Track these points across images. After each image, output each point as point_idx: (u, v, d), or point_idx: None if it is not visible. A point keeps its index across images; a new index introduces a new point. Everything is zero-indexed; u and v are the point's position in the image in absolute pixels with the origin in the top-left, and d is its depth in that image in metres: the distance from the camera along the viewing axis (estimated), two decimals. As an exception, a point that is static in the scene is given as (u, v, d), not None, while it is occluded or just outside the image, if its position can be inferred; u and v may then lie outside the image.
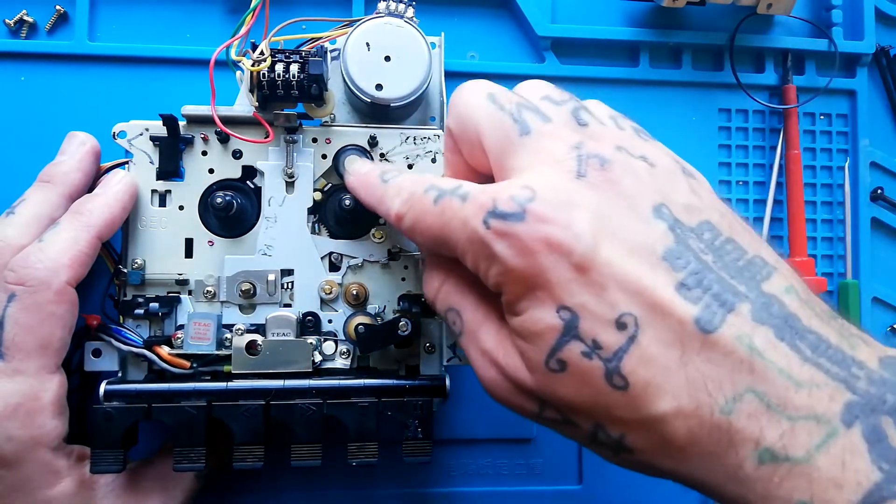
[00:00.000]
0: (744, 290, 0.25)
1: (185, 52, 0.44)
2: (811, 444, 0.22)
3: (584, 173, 0.26)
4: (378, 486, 0.43)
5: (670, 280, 0.25)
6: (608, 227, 0.25)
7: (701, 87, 0.49)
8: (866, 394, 0.23)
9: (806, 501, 0.22)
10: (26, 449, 0.32)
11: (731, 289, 0.25)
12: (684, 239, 0.26)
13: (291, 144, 0.37)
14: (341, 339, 0.37)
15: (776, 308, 0.25)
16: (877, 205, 0.50)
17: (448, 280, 0.31)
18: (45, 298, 0.32)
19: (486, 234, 0.26)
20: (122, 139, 0.36)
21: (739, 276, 0.25)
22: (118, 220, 0.35)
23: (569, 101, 0.29)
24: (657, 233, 0.25)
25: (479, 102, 0.29)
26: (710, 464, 0.24)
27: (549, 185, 0.26)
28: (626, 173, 0.27)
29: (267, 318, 0.36)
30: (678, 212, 0.26)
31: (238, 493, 0.42)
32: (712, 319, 0.24)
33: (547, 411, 0.27)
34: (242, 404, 0.34)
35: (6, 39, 0.43)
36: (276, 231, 0.37)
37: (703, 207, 0.27)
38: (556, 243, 0.25)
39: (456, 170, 0.32)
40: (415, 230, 0.30)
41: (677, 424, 0.24)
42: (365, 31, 0.37)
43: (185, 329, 0.35)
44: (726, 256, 0.26)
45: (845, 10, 0.50)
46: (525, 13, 0.46)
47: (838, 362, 0.24)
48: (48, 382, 0.33)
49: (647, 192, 0.26)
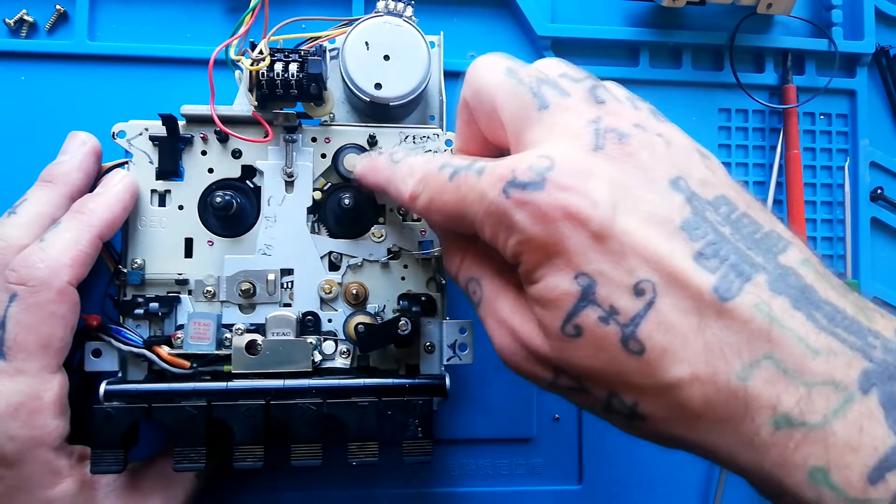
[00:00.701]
0: (761, 262, 0.25)
1: (185, 52, 0.44)
2: (828, 409, 0.22)
3: (602, 146, 0.27)
4: (378, 486, 0.43)
5: (688, 249, 0.25)
6: (626, 197, 0.25)
7: (701, 86, 0.49)
8: (883, 362, 0.23)
9: (821, 466, 0.22)
10: (28, 448, 0.32)
11: (748, 260, 0.25)
12: (701, 211, 0.26)
13: (291, 144, 0.37)
14: (341, 338, 0.37)
15: (793, 279, 0.25)
16: (877, 205, 0.50)
17: (467, 255, 0.32)
18: (47, 298, 0.32)
19: (505, 204, 0.26)
20: (122, 139, 0.36)
21: (756, 248, 0.25)
22: (119, 220, 0.35)
23: (587, 79, 0.30)
24: (675, 204, 0.26)
25: (498, 76, 0.30)
26: (724, 431, 0.24)
27: (567, 155, 0.26)
28: (643, 147, 0.27)
29: (267, 318, 0.36)
30: (695, 185, 0.26)
31: (238, 493, 0.42)
32: (730, 288, 0.24)
33: (562, 379, 0.28)
34: (242, 404, 0.34)
35: (6, 39, 0.43)
36: (275, 231, 0.37)
37: (718, 183, 0.27)
38: (575, 211, 0.25)
39: (468, 142, 0.33)
40: (431, 209, 0.30)
41: (693, 390, 0.24)
42: (364, 30, 0.37)
43: (185, 329, 0.35)
44: (743, 229, 0.26)
45: (845, 10, 0.50)
46: (525, 13, 0.46)
47: (855, 332, 0.24)
48: (50, 382, 0.33)
49: (664, 166, 0.27)
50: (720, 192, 0.27)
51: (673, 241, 0.25)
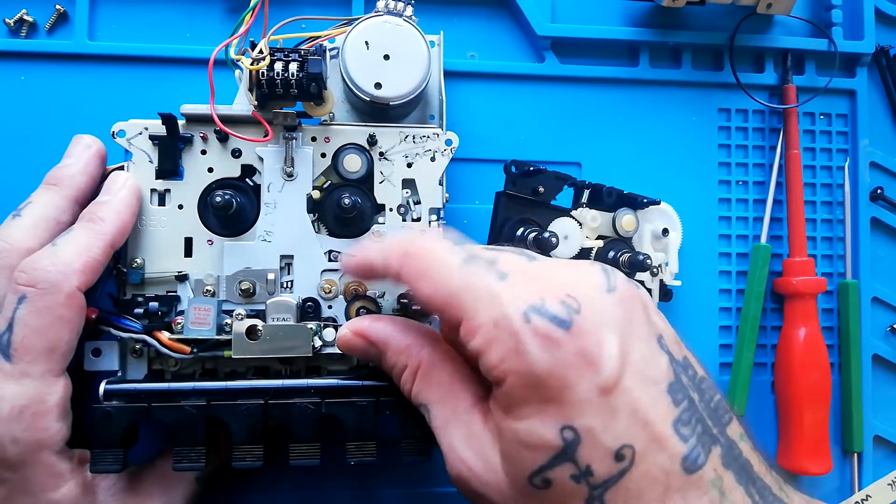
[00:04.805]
0: (716, 433, 0.26)
1: (185, 52, 0.44)
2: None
3: (614, 287, 0.26)
4: (377, 486, 0.43)
5: (671, 414, 0.25)
6: (631, 352, 0.25)
7: (701, 86, 0.49)
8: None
9: None
10: (31, 451, 0.32)
11: (709, 430, 0.26)
12: (679, 374, 0.26)
13: (290, 143, 0.37)
14: (341, 324, 0.37)
15: (736, 453, 0.26)
16: (877, 205, 0.50)
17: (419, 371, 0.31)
18: (56, 301, 0.32)
19: (522, 328, 0.25)
20: (122, 138, 0.36)
21: (714, 416, 0.26)
22: (129, 226, 0.35)
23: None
24: (662, 364, 0.26)
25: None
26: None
27: (592, 301, 0.26)
28: (641, 294, 0.27)
29: (267, 304, 0.36)
30: (670, 344, 0.27)
31: (238, 493, 0.42)
32: (697, 459, 0.25)
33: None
34: (242, 403, 0.34)
35: (6, 39, 0.43)
36: (275, 217, 0.37)
37: (680, 342, 0.27)
38: (591, 361, 0.25)
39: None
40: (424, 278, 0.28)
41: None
42: (364, 29, 0.37)
43: (186, 314, 0.35)
44: (704, 395, 0.27)
45: (845, 9, 0.50)
46: (525, 13, 0.46)
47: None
48: (54, 385, 0.32)
49: (651, 320, 0.27)
50: (685, 353, 0.27)
51: (660, 406, 0.25)
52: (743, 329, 0.47)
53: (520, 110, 0.46)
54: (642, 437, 0.24)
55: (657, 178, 0.47)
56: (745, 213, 0.49)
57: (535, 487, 0.25)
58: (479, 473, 0.27)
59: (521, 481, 0.26)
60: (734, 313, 0.48)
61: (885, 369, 0.49)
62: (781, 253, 0.48)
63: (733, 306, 0.48)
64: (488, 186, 0.42)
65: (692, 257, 0.46)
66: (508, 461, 0.26)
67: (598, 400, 0.24)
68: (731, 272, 0.48)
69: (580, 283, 0.27)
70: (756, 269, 0.47)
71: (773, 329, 0.48)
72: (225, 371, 0.37)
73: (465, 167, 0.45)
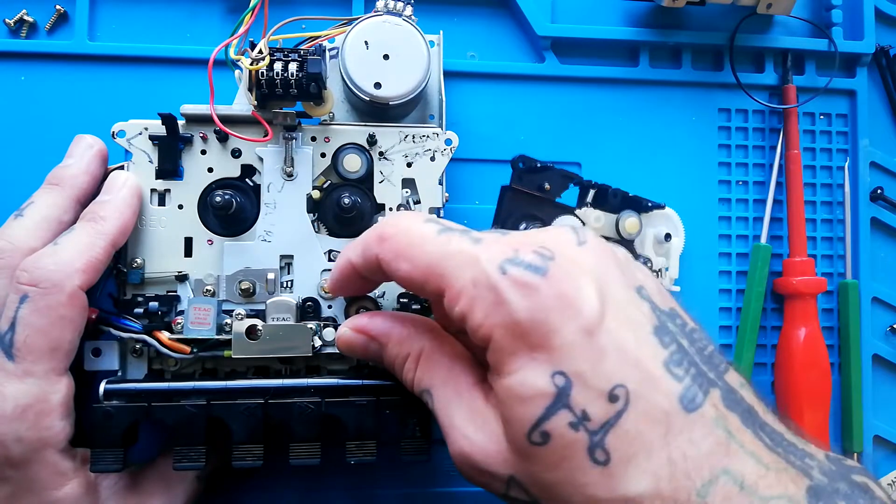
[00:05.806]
0: (713, 377, 0.26)
1: (185, 52, 0.44)
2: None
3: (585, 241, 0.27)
4: (377, 486, 0.43)
5: (660, 355, 0.25)
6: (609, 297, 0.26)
7: (701, 86, 0.49)
8: (821, 481, 0.24)
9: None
10: (35, 450, 0.32)
11: (704, 373, 0.26)
12: (664, 320, 0.26)
13: (290, 143, 0.37)
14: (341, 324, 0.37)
15: (738, 397, 0.26)
16: (877, 205, 0.50)
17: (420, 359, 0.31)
18: (58, 301, 0.32)
19: (499, 280, 0.26)
20: (122, 138, 0.36)
21: (708, 363, 0.26)
22: (131, 226, 0.35)
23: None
24: (644, 310, 0.26)
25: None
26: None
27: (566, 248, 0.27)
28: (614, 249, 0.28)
29: (267, 303, 0.36)
30: (653, 295, 0.27)
31: (238, 493, 0.42)
32: (694, 399, 0.25)
33: (513, 490, 0.27)
34: (241, 403, 0.34)
35: (6, 39, 0.43)
36: (275, 216, 0.37)
37: (667, 296, 0.28)
38: (570, 303, 0.25)
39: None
40: (403, 255, 0.28)
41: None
42: (363, 29, 0.37)
43: (185, 314, 0.35)
44: (696, 343, 0.27)
45: (845, 10, 0.49)
46: (525, 13, 0.46)
47: (794, 452, 0.25)
48: (57, 384, 0.33)
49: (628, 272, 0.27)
50: (671, 305, 0.28)
51: (648, 346, 0.25)
52: (743, 329, 0.47)
53: (520, 110, 0.46)
54: (634, 376, 0.24)
55: (657, 179, 0.47)
56: (745, 213, 0.49)
57: (535, 444, 0.25)
58: (482, 446, 0.27)
59: (521, 441, 0.25)
60: (734, 313, 0.48)
61: (885, 369, 0.49)
62: (781, 253, 0.48)
63: (733, 306, 0.48)
64: (488, 186, 0.42)
65: (692, 257, 0.46)
66: (507, 423, 0.26)
67: (583, 341, 0.25)
68: (731, 272, 0.48)
69: (552, 238, 0.27)
70: (756, 269, 0.47)
71: (773, 329, 0.48)
72: (225, 371, 0.37)
73: (464, 167, 0.45)
